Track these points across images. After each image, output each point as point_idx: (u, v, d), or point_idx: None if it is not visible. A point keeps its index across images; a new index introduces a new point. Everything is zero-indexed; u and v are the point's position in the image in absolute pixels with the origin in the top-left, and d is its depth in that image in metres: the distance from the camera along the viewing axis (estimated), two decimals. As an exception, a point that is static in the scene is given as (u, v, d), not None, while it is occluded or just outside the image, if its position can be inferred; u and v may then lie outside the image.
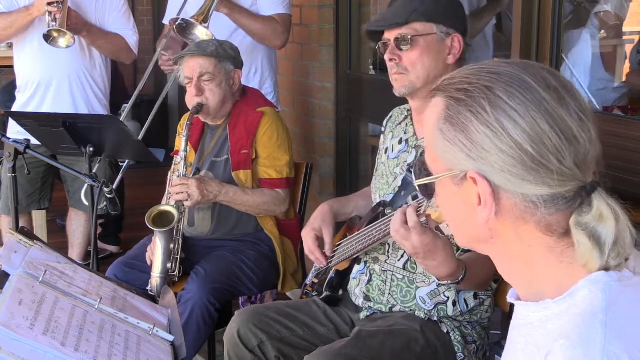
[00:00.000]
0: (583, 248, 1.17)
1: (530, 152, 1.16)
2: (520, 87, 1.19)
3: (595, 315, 1.12)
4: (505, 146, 1.17)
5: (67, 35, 3.87)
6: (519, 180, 1.17)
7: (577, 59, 3.91)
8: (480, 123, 1.19)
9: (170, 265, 3.16)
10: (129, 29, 4.24)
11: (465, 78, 1.23)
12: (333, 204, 2.74)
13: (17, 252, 1.91)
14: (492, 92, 1.19)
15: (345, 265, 2.61)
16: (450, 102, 1.23)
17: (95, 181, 3.02)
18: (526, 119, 1.17)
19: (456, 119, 1.21)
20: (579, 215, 1.18)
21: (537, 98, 1.18)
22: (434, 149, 1.25)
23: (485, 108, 1.19)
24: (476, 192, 1.20)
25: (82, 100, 4.20)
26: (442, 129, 1.23)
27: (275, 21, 3.95)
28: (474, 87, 1.21)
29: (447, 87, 1.25)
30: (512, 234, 1.22)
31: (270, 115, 3.33)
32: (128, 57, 4.30)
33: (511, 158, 1.17)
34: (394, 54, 2.37)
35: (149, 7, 8.29)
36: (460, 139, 1.20)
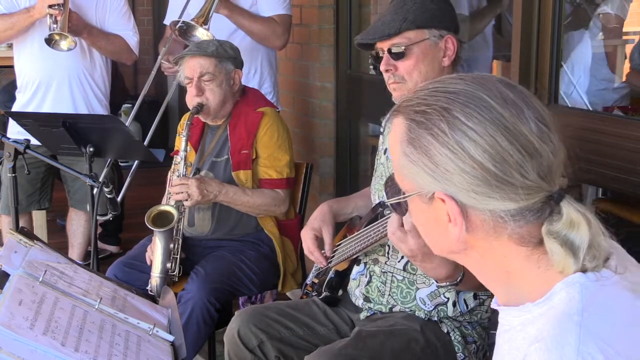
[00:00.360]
0: (557, 256, 1.18)
1: (492, 170, 1.17)
2: (477, 106, 1.19)
3: (571, 316, 1.13)
4: (467, 166, 1.18)
5: (69, 39, 3.87)
6: (485, 197, 1.18)
7: (577, 59, 3.91)
8: (440, 145, 1.19)
9: (170, 265, 3.16)
10: (129, 29, 4.24)
11: (422, 99, 1.24)
12: (332, 204, 2.74)
13: (17, 252, 1.91)
14: (450, 114, 1.20)
15: (344, 265, 2.61)
16: (411, 125, 1.23)
17: (95, 181, 3.02)
18: (485, 138, 1.17)
19: (417, 141, 1.22)
20: (549, 224, 1.18)
21: (495, 116, 1.18)
22: (401, 169, 1.27)
23: (444, 130, 1.19)
24: (445, 211, 1.22)
25: (82, 100, 4.20)
26: (405, 151, 1.24)
27: (275, 22, 3.95)
28: (432, 109, 1.21)
29: (406, 108, 1.26)
30: (485, 246, 1.23)
31: (271, 115, 3.33)
32: (129, 57, 4.30)
33: (474, 178, 1.18)
34: (390, 64, 2.36)
35: (149, 7, 8.29)
36: (424, 162, 1.22)
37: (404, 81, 2.37)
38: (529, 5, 2.87)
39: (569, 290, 1.16)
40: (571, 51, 3.89)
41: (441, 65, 2.37)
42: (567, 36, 3.86)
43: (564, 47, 3.66)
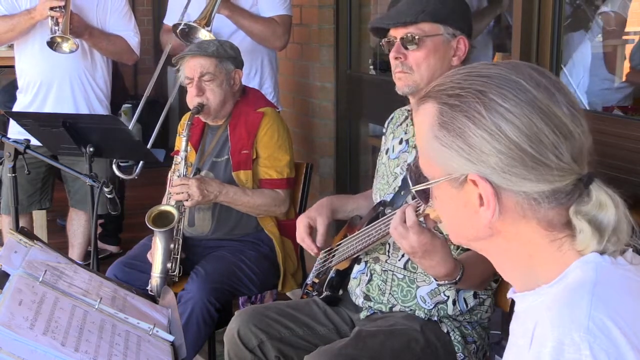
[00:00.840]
0: (584, 235, 1.19)
1: (529, 151, 1.18)
2: (512, 88, 1.20)
3: (584, 286, 1.15)
4: (504, 147, 1.18)
5: (71, 41, 3.87)
6: (520, 179, 1.19)
7: (578, 60, 3.91)
8: (477, 127, 1.20)
9: (170, 265, 3.17)
10: (130, 30, 4.24)
11: (456, 83, 1.24)
12: (334, 199, 2.75)
13: (17, 252, 1.91)
14: (486, 96, 1.20)
15: (345, 264, 2.61)
16: (444, 108, 1.23)
17: (95, 181, 3.02)
18: (522, 119, 1.18)
19: (451, 124, 1.22)
20: (578, 205, 1.20)
21: (530, 97, 1.19)
22: (430, 154, 1.27)
23: (480, 112, 1.20)
24: (477, 194, 1.21)
25: (83, 101, 4.20)
26: (437, 135, 1.24)
27: (276, 22, 3.94)
28: (467, 92, 1.22)
29: (438, 93, 1.26)
30: (512, 231, 1.23)
31: (271, 115, 3.33)
32: (130, 58, 4.30)
33: (511, 159, 1.18)
34: (400, 52, 2.37)
35: (149, 7, 8.29)
36: (458, 144, 1.21)
37: (411, 72, 2.37)
38: (529, 5, 2.87)
39: (584, 268, 1.18)
40: (572, 51, 3.89)
41: (450, 63, 2.38)
42: (567, 36, 3.86)
43: (565, 47, 3.66)
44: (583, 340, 1.08)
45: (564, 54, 3.72)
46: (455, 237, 1.32)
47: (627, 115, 3.51)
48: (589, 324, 1.10)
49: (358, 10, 4.43)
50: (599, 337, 1.09)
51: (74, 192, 4.38)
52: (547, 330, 1.13)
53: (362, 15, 4.46)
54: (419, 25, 2.35)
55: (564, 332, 1.10)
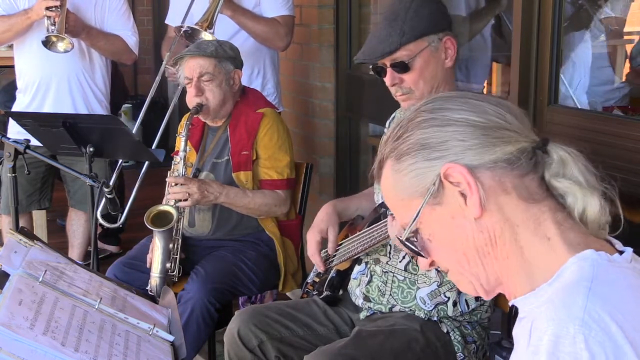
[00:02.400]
0: (572, 193, 1.24)
1: (478, 121, 1.24)
2: (462, 102, 1.29)
3: (580, 282, 1.15)
4: (457, 127, 1.24)
5: (66, 40, 3.87)
6: (483, 148, 1.23)
7: (579, 60, 3.91)
8: (425, 129, 1.26)
9: (170, 265, 3.16)
10: (128, 29, 4.24)
11: (392, 136, 1.32)
12: (337, 203, 2.74)
13: (17, 252, 1.91)
14: (420, 114, 1.29)
15: (346, 265, 2.61)
16: (393, 151, 1.30)
17: (95, 181, 3.02)
18: (463, 106, 1.27)
19: (403, 146, 1.28)
20: (548, 169, 1.24)
21: (460, 106, 1.28)
22: (402, 197, 1.29)
23: (425, 119, 1.27)
24: (457, 193, 1.23)
25: (81, 101, 4.20)
26: (398, 169, 1.28)
27: (278, 23, 3.94)
28: (403, 128, 1.30)
29: (386, 152, 1.32)
30: (500, 219, 1.23)
31: (271, 116, 3.33)
32: (128, 58, 4.30)
33: (466, 134, 1.24)
34: (395, 78, 2.36)
35: (149, 7, 8.29)
36: (417, 154, 1.26)
37: (411, 92, 2.38)
38: (529, 5, 2.87)
39: (580, 264, 1.18)
40: (571, 51, 3.89)
41: (444, 67, 2.37)
42: (568, 36, 3.86)
43: (566, 47, 3.66)
44: (578, 332, 1.08)
45: (566, 54, 3.72)
46: (461, 263, 1.28)
47: (626, 115, 3.51)
48: (585, 317, 1.09)
49: (358, 10, 4.43)
50: (594, 329, 1.08)
51: (74, 193, 4.38)
52: (544, 324, 1.13)
53: (362, 15, 4.46)
54: (404, 47, 2.32)
55: (560, 325, 1.10)
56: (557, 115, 2.82)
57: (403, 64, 2.33)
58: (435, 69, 2.36)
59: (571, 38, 3.87)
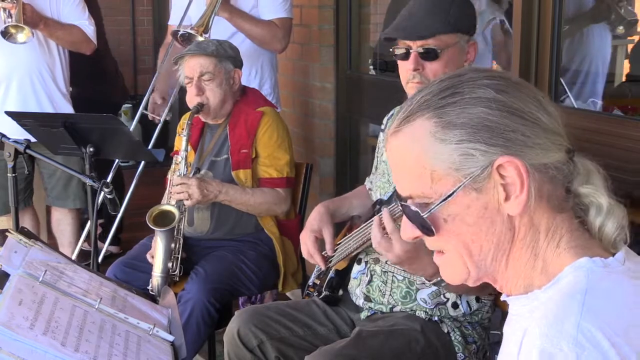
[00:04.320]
0: (596, 203, 1.23)
1: (542, 120, 1.19)
2: (484, 76, 1.23)
3: (574, 295, 1.13)
4: (525, 121, 1.18)
5: (26, 30, 3.86)
6: (543, 151, 1.18)
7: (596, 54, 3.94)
8: (491, 109, 1.17)
9: (171, 264, 3.17)
10: (84, 19, 4.22)
11: (440, 88, 1.22)
12: (328, 204, 2.73)
13: (17, 252, 1.91)
14: (475, 82, 1.20)
15: (343, 264, 2.61)
16: (442, 111, 1.19)
17: (95, 181, 3.02)
18: (528, 98, 1.20)
19: (459, 118, 1.17)
20: (576, 178, 1.23)
21: (498, 87, 1.22)
22: (433, 169, 1.19)
23: (489, 99, 1.18)
24: (500, 188, 1.17)
25: (44, 95, 4.18)
26: (444, 138, 1.18)
27: (275, 25, 3.93)
28: (462, 84, 1.20)
29: (422, 105, 1.21)
30: (527, 222, 1.20)
31: (270, 114, 3.33)
32: (87, 47, 4.27)
33: (533, 132, 1.18)
34: (419, 64, 2.32)
35: (148, 7, 8.29)
36: (477, 134, 1.17)
37: (428, 82, 2.35)
38: (529, 6, 2.87)
39: (576, 274, 1.16)
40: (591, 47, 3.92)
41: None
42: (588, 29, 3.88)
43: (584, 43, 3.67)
44: (571, 351, 1.07)
45: (584, 49, 3.72)
46: (474, 258, 1.23)
47: (626, 115, 3.51)
48: (578, 336, 1.08)
49: (358, 10, 4.43)
50: (587, 348, 1.07)
51: (51, 189, 4.39)
52: (535, 339, 1.11)
53: (362, 15, 4.46)
54: (440, 37, 2.30)
55: (553, 342, 1.09)
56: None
57: (434, 51, 2.30)
58: (457, 67, 2.34)
59: (591, 33, 3.89)
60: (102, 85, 5.16)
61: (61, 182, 4.35)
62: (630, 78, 4.26)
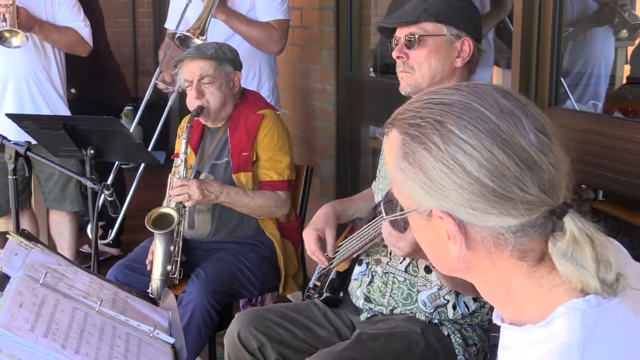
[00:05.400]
0: (571, 275, 1.13)
1: (490, 185, 1.13)
2: (471, 117, 1.15)
3: (572, 351, 1.10)
4: (464, 182, 1.14)
5: (20, 34, 3.86)
6: (484, 213, 1.14)
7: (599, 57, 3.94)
8: (435, 160, 1.15)
9: (171, 267, 3.17)
10: (80, 21, 4.22)
11: (416, 112, 1.20)
12: (335, 205, 2.74)
13: (18, 254, 1.91)
14: (443, 127, 1.15)
15: (345, 266, 2.61)
16: (405, 138, 1.19)
17: (95, 183, 3.02)
18: (481, 152, 1.13)
19: (412, 156, 1.18)
20: (554, 240, 1.14)
21: (491, 127, 1.14)
22: (398, 184, 1.23)
23: (437, 144, 1.15)
24: (444, 228, 1.18)
25: (41, 98, 4.18)
26: (400, 166, 1.20)
27: (272, 28, 3.93)
28: (425, 122, 1.17)
29: (400, 121, 1.22)
30: (487, 264, 1.19)
31: (271, 117, 3.33)
32: (83, 49, 4.25)
33: (471, 193, 1.13)
34: (402, 51, 2.38)
35: (149, 9, 8.30)
36: (419, 177, 1.17)
37: (413, 71, 2.38)
38: (529, 8, 2.87)
39: (569, 317, 1.12)
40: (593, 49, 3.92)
41: (453, 65, 2.37)
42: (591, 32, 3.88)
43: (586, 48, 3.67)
44: None
45: (587, 52, 3.72)
46: (438, 267, 1.28)
47: (627, 117, 3.51)
48: None
49: (358, 12, 4.43)
50: None
51: (48, 192, 4.39)
52: None
53: (363, 17, 4.46)
54: (422, 25, 2.35)
55: None
56: (557, 118, 2.82)
57: (413, 39, 2.35)
58: (444, 60, 2.36)
59: (595, 35, 3.89)
60: (104, 87, 5.16)
61: (59, 185, 4.36)
62: (631, 80, 4.26)
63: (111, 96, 5.20)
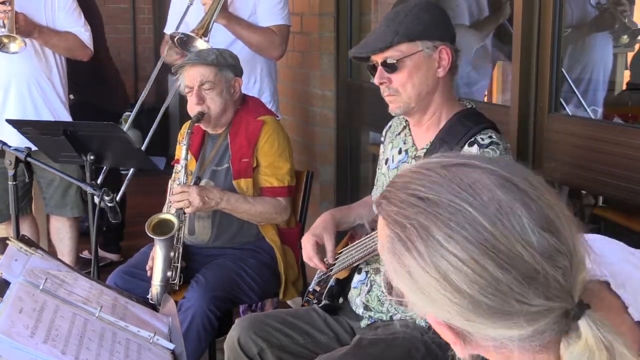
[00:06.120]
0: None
1: (484, 301, 1.00)
2: (460, 225, 1.01)
3: None
4: (455, 297, 1.01)
5: (18, 40, 3.84)
6: (482, 326, 1.02)
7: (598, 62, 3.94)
8: (422, 270, 1.02)
9: (171, 273, 3.16)
10: (80, 25, 4.20)
11: (402, 208, 1.06)
12: (335, 212, 2.74)
13: (18, 260, 1.91)
14: (429, 234, 1.02)
15: (345, 274, 2.61)
16: (391, 235, 1.07)
17: (96, 189, 3.02)
18: (472, 267, 0.99)
19: (400, 259, 1.05)
20: (567, 344, 1.01)
21: (484, 237, 0.99)
22: (392, 276, 1.10)
23: (422, 255, 1.02)
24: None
25: (43, 104, 4.17)
26: (392, 264, 1.07)
27: (273, 32, 3.94)
28: (411, 224, 1.04)
29: (386, 210, 1.09)
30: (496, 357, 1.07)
31: (271, 123, 3.34)
32: (84, 54, 4.24)
33: (465, 309, 1.01)
34: (383, 77, 2.36)
35: (149, 15, 8.32)
36: (409, 283, 1.05)
37: (398, 94, 2.37)
38: (529, 13, 2.87)
39: None
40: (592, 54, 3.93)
41: (436, 76, 2.36)
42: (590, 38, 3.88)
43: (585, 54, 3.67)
44: None
45: (586, 58, 3.73)
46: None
47: (627, 123, 3.52)
48: None
49: (358, 18, 4.44)
50: None
51: (49, 198, 4.39)
52: None
53: (363, 23, 4.47)
54: (396, 47, 2.32)
55: None
56: (557, 124, 2.83)
57: (392, 64, 2.33)
58: (426, 75, 2.35)
59: (593, 40, 3.90)
60: (103, 93, 5.16)
61: (59, 190, 4.35)
62: (631, 86, 4.27)
63: (110, 102, 5.20)
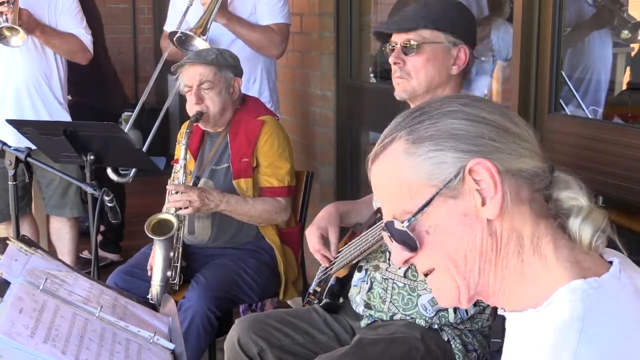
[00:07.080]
0: (577, 205, 1.23)
1: (509, 127, 1.22)
2: (470, 105, 1.26)
3: (572, 323, 1.12)
4: (491, 128, 1.21)
5: (20, 33, 3.83)
6: (512, 155, 1.20)
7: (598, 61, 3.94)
8: (456, 119, 1.22)
9: (171, 273, 3.16)
10: (81, 28, 4.21)
11: (414, 111, 1.27)
12: (339, 206, 2.75)
13: (18, 260, 1.91)
14: (450, 103, 1.25)
15: (344, 272, 2.61)
16: (411, 129, 1.24)
17: (95, 189, 3.02)
18: (494, 110, 1.25)
19: (425, 133, 1.22)
20: (555, 188, 1.24)
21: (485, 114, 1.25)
22: (409, 184, 1.21)
23: (455, 111, 1.23)
24: (475, 190, 1.18)
25: (42, 104, 4.17)
26: (415, 152, 1.22)
27: (273, 31, 3.94)
28: (430, 107, 1.26)
29: (395, 130, 1.26)
30: (509, 227, 1.19)
31: (271, 123, 3.34)
32: (84, 57, 4.24)
33: (500, 136, 1.21)
34: (399, 57, 2.39)
35: (149, 15, 8.31)
36: (445, 143, 1.20)
37: (409, 77, 2.38)
38: (529, 13, 2.87)
39: (570, 297, 1.14)
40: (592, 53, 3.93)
41: (449, 72, 2.38)
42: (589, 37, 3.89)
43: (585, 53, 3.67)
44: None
45: (585, 57, 3.73)
46: (460, 268, 1.22)
47: (626, 123, 3.51)
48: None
49: (358, 18, 4.44)
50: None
51: (49, 198, 4.39)
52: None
53: (363, 23, 4.47)
54: (419, 32, 2.36)
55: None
56: (557, 124, 2.83)
57: (412, 46, 2.36)
58: (440, 67, 2.38)
59: (592, 39, 3.90)
60: (101, 94, 5.15)
61: (59, 190, 4.35)
62: (631, 86, 4.27)
63: (108, 103, 5.19)
